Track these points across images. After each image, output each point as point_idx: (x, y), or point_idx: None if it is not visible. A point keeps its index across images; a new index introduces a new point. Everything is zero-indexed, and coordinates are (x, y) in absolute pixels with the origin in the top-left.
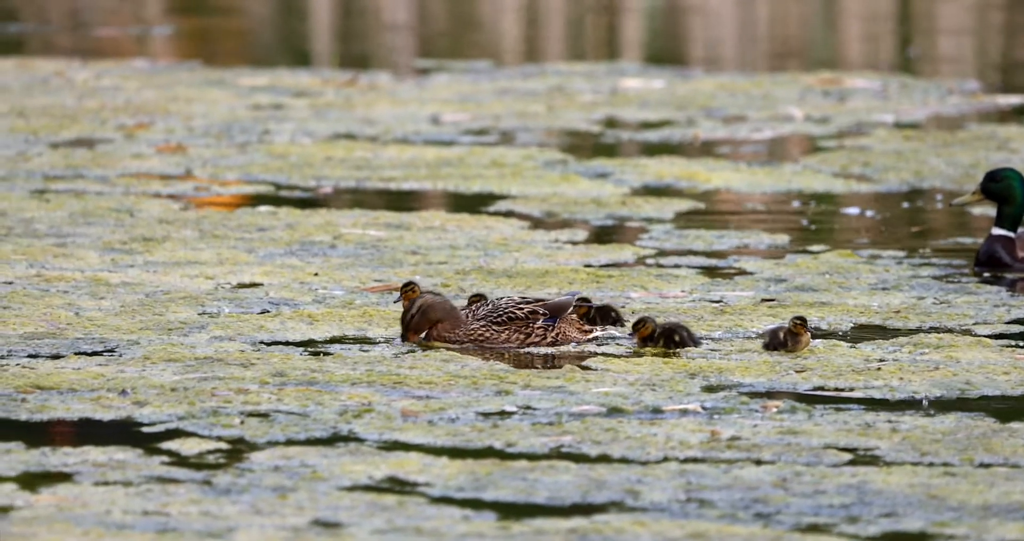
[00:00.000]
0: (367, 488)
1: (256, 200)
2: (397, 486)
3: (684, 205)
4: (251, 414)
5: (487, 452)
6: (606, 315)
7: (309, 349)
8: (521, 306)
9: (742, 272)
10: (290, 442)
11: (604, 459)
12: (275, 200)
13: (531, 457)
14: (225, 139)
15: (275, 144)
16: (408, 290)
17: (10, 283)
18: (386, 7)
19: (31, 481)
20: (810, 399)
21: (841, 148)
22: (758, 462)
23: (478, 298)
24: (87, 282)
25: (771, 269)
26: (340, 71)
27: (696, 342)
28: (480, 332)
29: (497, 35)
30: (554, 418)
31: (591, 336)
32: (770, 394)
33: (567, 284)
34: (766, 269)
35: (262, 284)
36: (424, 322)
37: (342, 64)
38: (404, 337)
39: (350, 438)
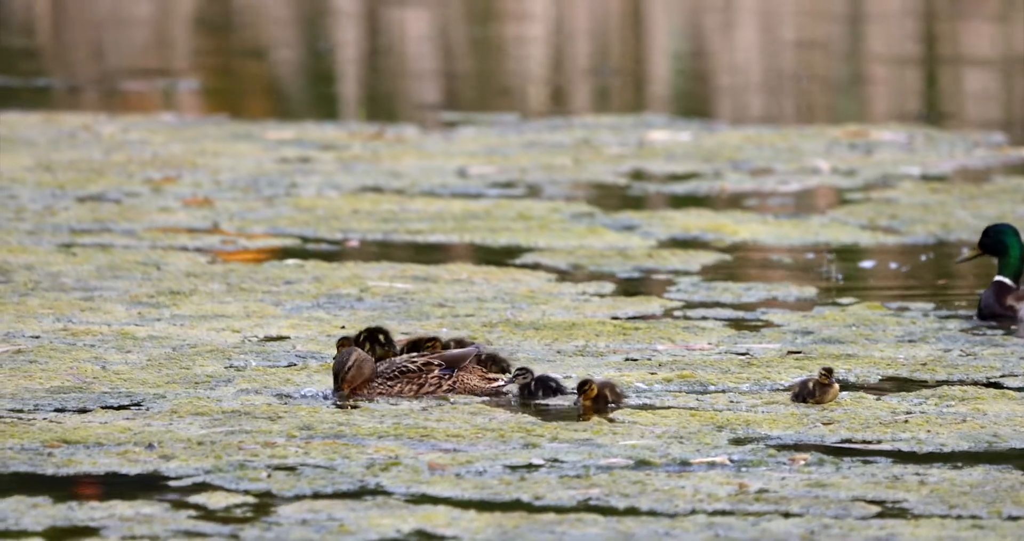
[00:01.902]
0: None
1: (283, 253)
2: (424, 539)
3: (711, 257)
4: (278, 467)
5: (515, 505)
6: (498, 363)
7: (336, 402)
8: (415, 359)
9: (769, 324)
10: (317, 495)
11: (632, 512)
12: (302, 253)
13: (559, 510)
14: (252, 192)
15: (302, 197)
16: (341, 344)
17: (37, 337)
18: (413, 63)
19: (58, 536)
20: (838, 451)
21: (868, 200)
22: (786, 515)
23: (430, 342)
24: (114, 336)
25: (798, 321)
26: (367, 124)
27: (622, 400)
28: (380, 389)
29: (523, 88)
30: (582, 471)
31: (495, 385)
32: (798, 447)
33: (594, 336)
34: (793, 321)
35: (289, 337)
36: (358, 376)
37: (369, 117)
38: (338, 388)
39: (377, 491)
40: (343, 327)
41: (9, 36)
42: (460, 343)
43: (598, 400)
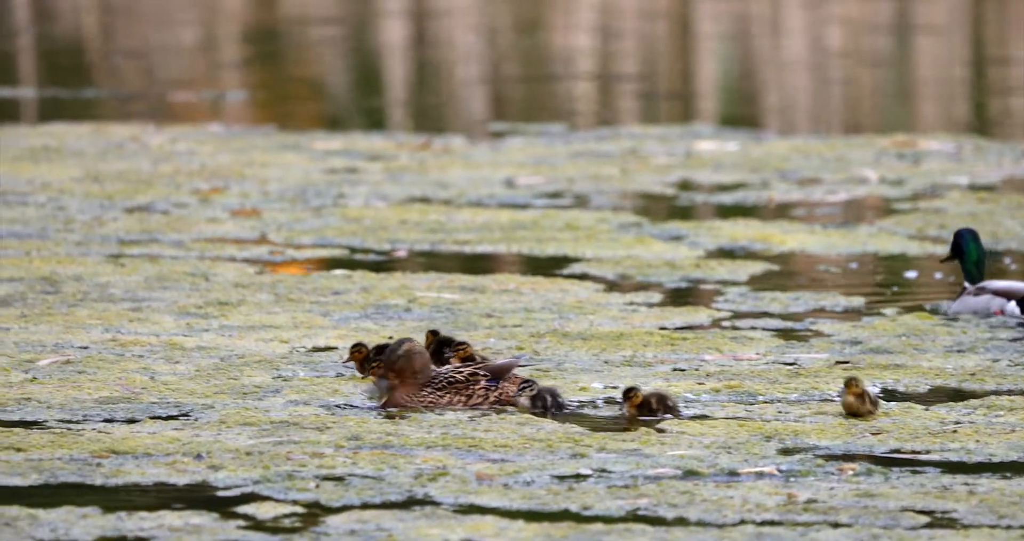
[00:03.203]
0: None
1: (331, 264)
2: None
3: (759, 267)
4: (326, 478)
5: (563, 515)
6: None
7: (384, 412)
8: (461, 370)
9: (818, 334)
10: (365, 506)
11: (680, 522)
12: (350, 264)
13: (607, 520)
14: (300, 203)
15: (350, 208)
16: (356, 352)
17: (86, 348)
18: (461, 73)
19: None
20: (886, 462)
21: (916, 210)
22: (835, 525)
23: (434, 335)
24: (162, 346)
25: (847, 331)
26: (414, 135)
27: (677, 411)
28: (429, 399)
29: (571, 98)
30: (630, 481)
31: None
32: (846, 457)
33: (642, 346)
34: (842, 331)
35: (337, 348)
36: (407, 367)
37: (416, 128)
38: (385, 376)
39: (426, 501)
40: (390, 338)
41: (58, 48)
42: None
43: (642, 408)
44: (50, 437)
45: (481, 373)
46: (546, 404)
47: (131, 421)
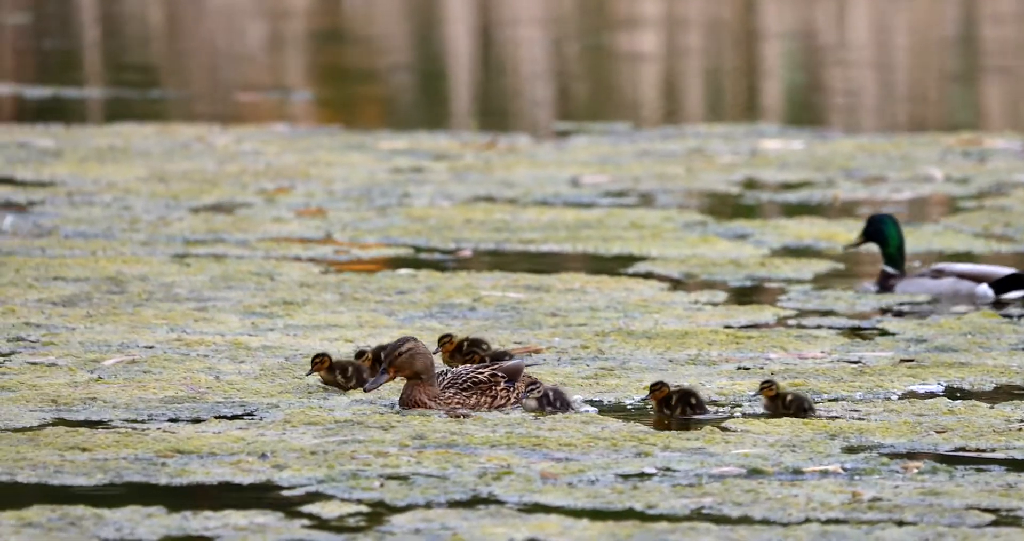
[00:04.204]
0: None
1: (396, 263)
2: None
3: (824, 266)
4: (391, 477)
5: (627, 514)
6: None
7: (448, 411)
8: (481, 371)
9: (883, 333)
10: (430, 505)
11: (745, 520)
12: (415, 263)
13: (672, 518)
14: (365, 202)
15: (415, 207)
16: (446, 342)
17: (151, 347)
18: (526, 72)
19: None
20: (951, 460)
21: (981, 208)
22: (900, 523)
23: (448, 339)
24: (227, 346)
25: (912, 329)
26: (479, 134)
27: (704, 409)
28: (456, 401)
29: (636, 97)
30: (694, 480)
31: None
32: (911, 455)
33: (706, 345)
34: (907, 330)
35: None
36: (408, 365)
37: (481, 127)
38: (384, 371)
39: (490, 500)
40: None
41: (125, 49)
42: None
43: (662, 403)
44: (115, 437)
45: (500, 374)
46: (552, 403)
47: (196, 421)
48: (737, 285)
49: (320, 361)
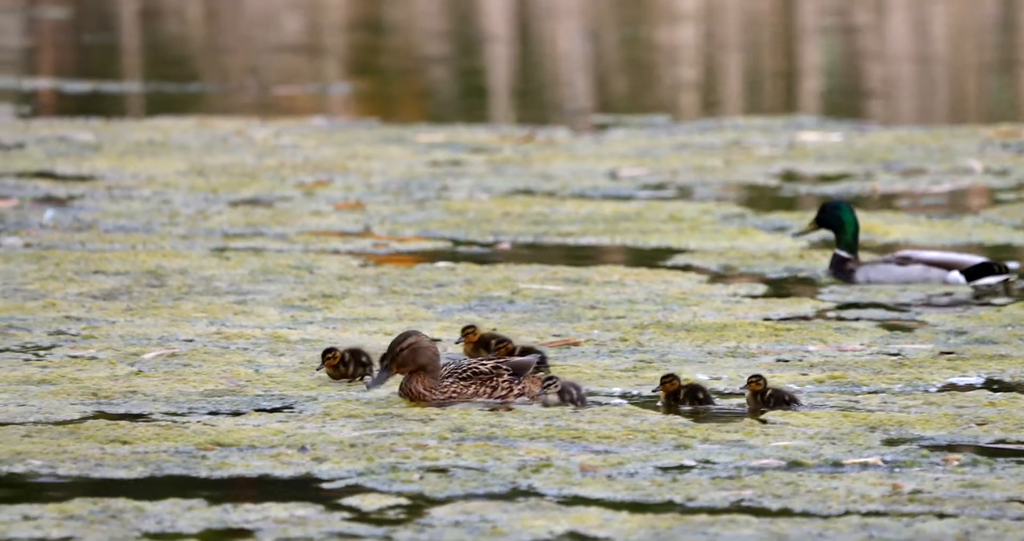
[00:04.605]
0: None
1: (434, 256)
2: None
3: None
4: (430, 469)
5: (667, 506)
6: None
7: (487, 404)
8: (484, 362)
9: (923, 325)
10: (469, 497)
11: (785, 513)
12: (453, 256)
13: (711, 511)
14: (403, 196)
15: (453, 200)
16: (469, 333)
17: (191, 341)
18: (564, 65)
19: (213, 538)
20: (992, 452)
21: (1021, 200)
22: (940, 515)
23: (470, 330)
24: (267, 339)
25: (953, 322)
26: (517, 127)
27: (710, 400)
28: (453, 389)
29: (674, 90)
30: (734, 472)
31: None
32: (951, 447)
33: (745, 337)
34: (948, 322)
35: (440, 340)
36: (411, 360)
37: (519, 120)
38: (386, 368)
39: (530, 493)
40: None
41: (164, 43)
42: (526, 351)
43: (671, 396)
44: (155, 430)
45: (504, 367)
46: (572, 398)
47: (236, 414)
48: (776, 277)
49: (332, 356)
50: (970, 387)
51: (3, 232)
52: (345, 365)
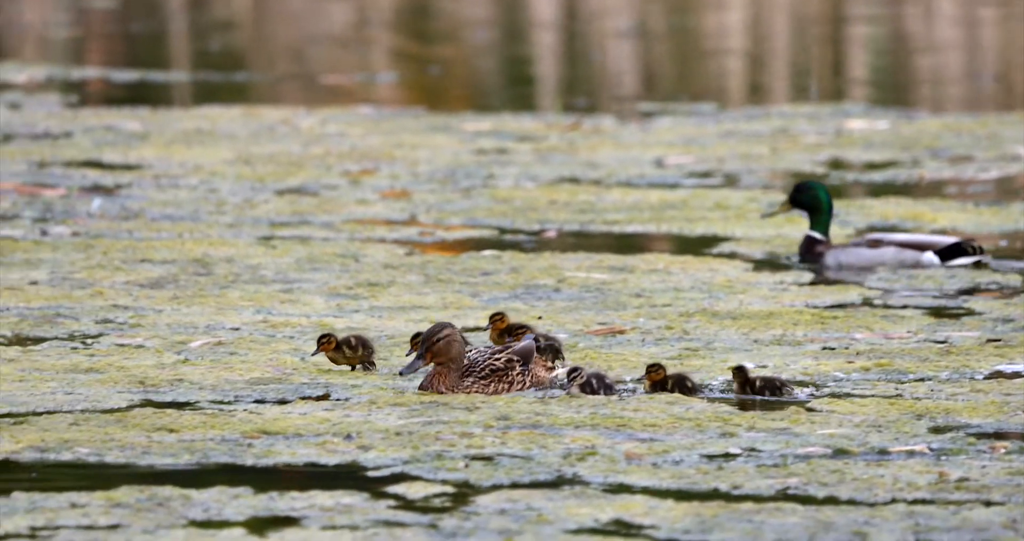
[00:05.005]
0: (593, 531)
1: (480, 244)
2: (623, 529)
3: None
4: (475, 457)
5: (712, 494)
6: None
7: (532, 393)
8: (497, 357)
9: (970, 312)
10: (515, 485)
11: (831, 501)
12: (499, 244)
13: (757, 499)
14: (449, 184)
15: (499, 188)
16: (497, 320)
17: (237, 329)
18: (611, 53)
19: (259, 526)
20: None
21: None
22: (987, 503)
23: (500, 319)
24: (313, 327)
25: (1000, 309)
26: (564, 115)
27: (699, 390)
28: (474, 389)
29: (721, 78)
30: (779, 460)
31: (553, 374)
32: (998, 434)
33: (791, 325)
34: (995, 309)
35: (486, 328)
36: (445, 352)
37: (565, 108)
38: (420, 356)
39: (575, 481)
40: (539, 318)
41: (211, 32)
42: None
43: (656, 386)
44: (202, 418)
45: (515, 359)
46: (596, 390)
47: (282, 402)
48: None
49: (327, 341)
50: (1017, 375)
51: (51, 221)
52: (352, 349)
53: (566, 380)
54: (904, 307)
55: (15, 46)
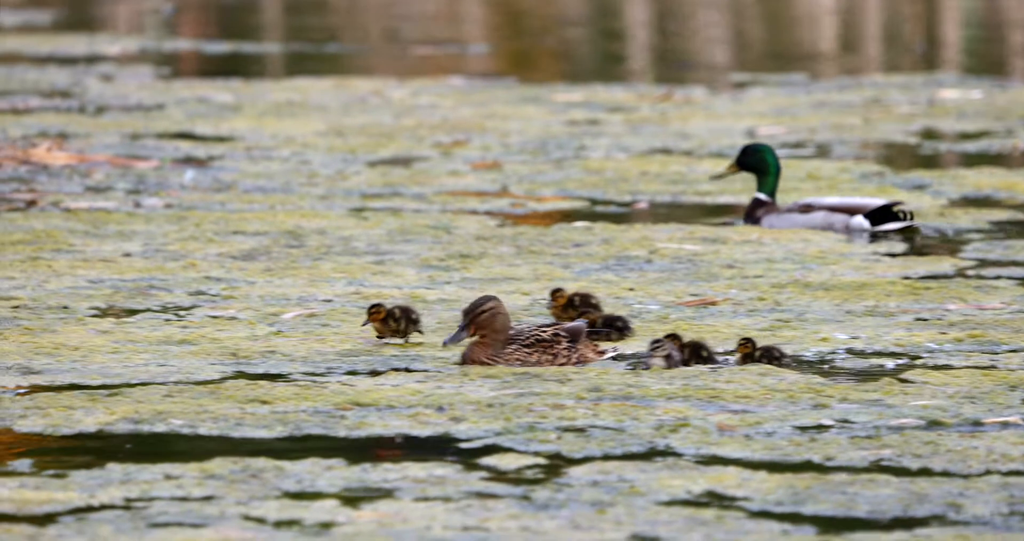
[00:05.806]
0: (685, 503)
1: (572, 216)
2: (715, 500)
3: (1004, 215)
4: (567, 429)
5: (805, 466)
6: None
7: (624, 363)
8: (544, 329)
9: None
10: (607, 457)
11: (925, 472)
12: (591, 215)
13: (850, 470)
14: (541, 155)
15: (590, 159)
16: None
17: (329, 301)
18: (702, 24)
19: (352, 498)
20: None
21: None
22: None
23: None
24: (404, 299)
25: None
26: (655, 86)
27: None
28: (516, 356)
29: (813, 48)
30: (872, 431)
31: (605, 357)
32: None
33: (884, 296)
34: None
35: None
36: (489, 323)
37: (657, 79)
38: (465, 327)
39: (667, 453)
40: (631, 289)
41: (303, 3)
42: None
43: (746, 359)
44: (295, 390)
45: (562, 334)
46: (675, 363)
47: (374, 374)
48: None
49: (376, 311)
50: None
51: (144, 193)
52: (396, 321)
53: (648, 352)
54: (997, 277)
55: (108, 18)
